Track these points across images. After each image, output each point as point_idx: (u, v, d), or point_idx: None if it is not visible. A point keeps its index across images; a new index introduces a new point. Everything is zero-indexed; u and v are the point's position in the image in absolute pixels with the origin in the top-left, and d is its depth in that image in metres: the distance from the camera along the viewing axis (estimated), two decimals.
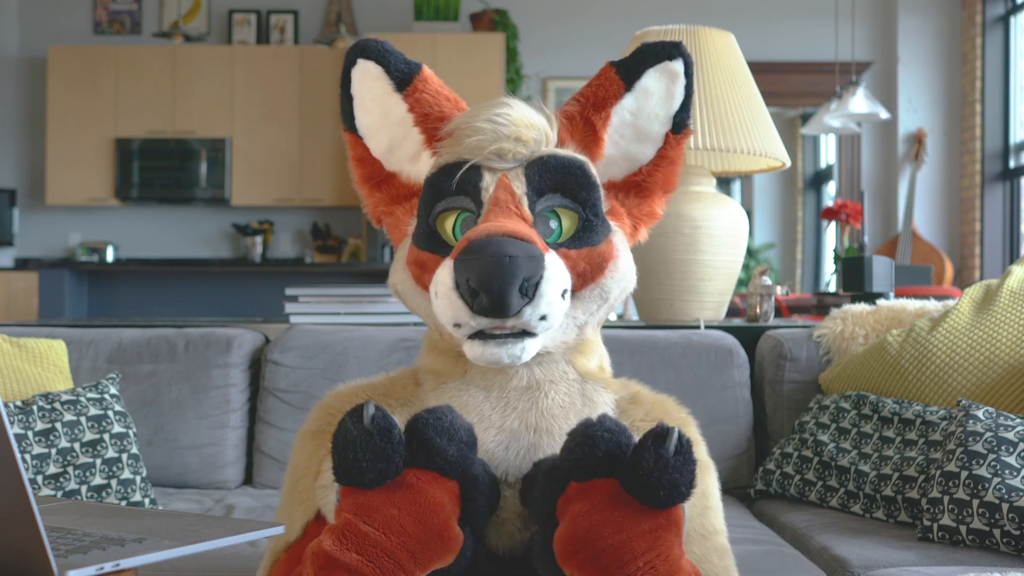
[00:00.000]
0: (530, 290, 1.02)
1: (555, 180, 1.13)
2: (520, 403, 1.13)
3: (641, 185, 1.22)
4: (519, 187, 1.12)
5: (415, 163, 1.22)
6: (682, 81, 1.20)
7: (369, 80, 1.21)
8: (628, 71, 1.19)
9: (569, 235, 1.13)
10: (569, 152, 1.16)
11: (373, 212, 1.25)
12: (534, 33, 6.75)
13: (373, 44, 1.20)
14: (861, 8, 6.61)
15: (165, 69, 6.69)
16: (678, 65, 1.19)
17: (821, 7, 6.63)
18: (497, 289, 1.00)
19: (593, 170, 1.17)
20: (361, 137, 1.23)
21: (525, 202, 1.12)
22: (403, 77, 1.20)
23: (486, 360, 1.06)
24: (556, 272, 1.05)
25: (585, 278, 1.12)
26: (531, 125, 1.13)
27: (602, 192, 1.18)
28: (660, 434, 0.98)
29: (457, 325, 1.05)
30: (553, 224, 1.13)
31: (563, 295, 1.06)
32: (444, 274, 1.05)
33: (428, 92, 1.20)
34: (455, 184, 1.13)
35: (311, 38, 6.94)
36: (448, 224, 1.14)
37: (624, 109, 1.20)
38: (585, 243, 1.13)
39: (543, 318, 1.04)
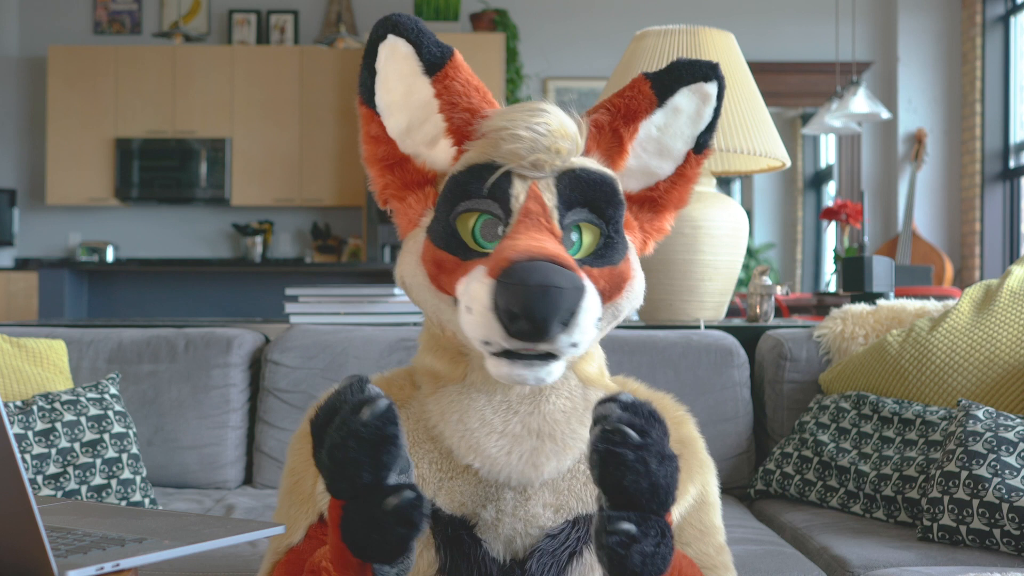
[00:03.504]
0: (568, 319, 1.00)
1: (585, 195, 1.11)
2: (522, 407, 1.12)
3: (656, 201, 1.21)
4: (549, 199, 1.10)
5: (432, 148, 1.18)
6: (713, 104, 1.18)
7: (397, 58, 1.15)
8: (662, 87, 1.17)
9: (590, 251, 1.12)
10: (600, 167, 1.14)
11: (381, 194, 1.21)
12: (534, 33, 6.74)
13: (407, 21, 1.14)
14: (861, 8, 6.61)
15: (165, 69, 6.69)
16: (712, 87, 1.18)
17: (821, 7, 6.63)
18: (541, 319, 0.98)
19: (621, 187, 1.16)
20: (378, 114, 1.18)
21: (555, 215, 1.10)
22: (435, 61, 1.15)
23: (511, 380, 1.04)
24: (593, 303, 1.03)
25: (604, 297, 1.11)
26: (567, 135, 1.11)
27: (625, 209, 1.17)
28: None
29: (487, 343, 1.03)
30: (574, 237, 1.12)
31: (596, 324, 1.05)
32: (482, 292, 1.01)
33: (459, 81, 1.16)
34: (487, 188, 1.10)
35: (311, 38, 6.94)
36: (468, 224, 1.11)
37: (652, 124, 1.18)
38: (606, 261, 1.12)
39: (574, 344, 1.03)
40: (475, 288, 1.03)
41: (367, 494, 0.93)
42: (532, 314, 0.97)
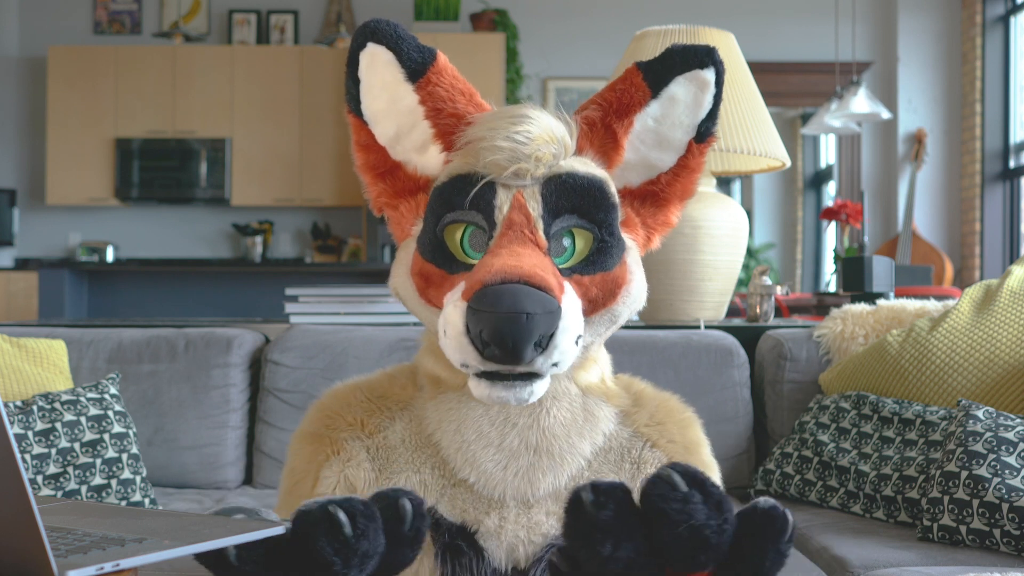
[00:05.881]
0: (545, 342, 0.98)
1: (572, 201, 1.08)
2: (521, 419, 1.10)
3: (659, 194, 1.18)
4: (534, 208, 1.07)
5: (422, 154, 1.17)
6: (712, 90, 1.14)
7: (379, 66, 1.13)
8: (656, 77, 1.13)
9: (582, 257, 1.09)
10: (588, 169, 1.11)
11: (375, 202, 1.20)
12: (534, 33, 6.74)
13: (385, 28, 1.12)
14: (861, 8, 6.61)
15: (165, 69, 6.69)
16: (709, 74, 1.13)
17: (821, 7, 6.63)
18: (512, 345, 0.96)
19: (612, 188, 1.12)
20: (366, 122, 1.16)
21: (540, 225, 1.07)
22: (416, 67, 1.12)
23: (492, 401, 1.03)
24: (572, 321, 1.01)
25: (596, 304, 1.09)
26: (551, 140, 1.08)
27: (620, 209, 1.13)
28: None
29: (464, 365, 1.02)
30: (567, 243, 1.09)
31: (577, 341, 1.02)
32: (455, 316, 0.99)
33: (442, 86, 1.13)
34: (469, 201, 1.08)
35: (311, 38, 6.94)
36: (456, 236, 1.09)
37: (648, 116, 1.14)
38: (599, 267, 1.09)
39: (555, 364, 1.01)
40: (449, 311, 1.01)
41: None
42: (503, 341, 0.95)
